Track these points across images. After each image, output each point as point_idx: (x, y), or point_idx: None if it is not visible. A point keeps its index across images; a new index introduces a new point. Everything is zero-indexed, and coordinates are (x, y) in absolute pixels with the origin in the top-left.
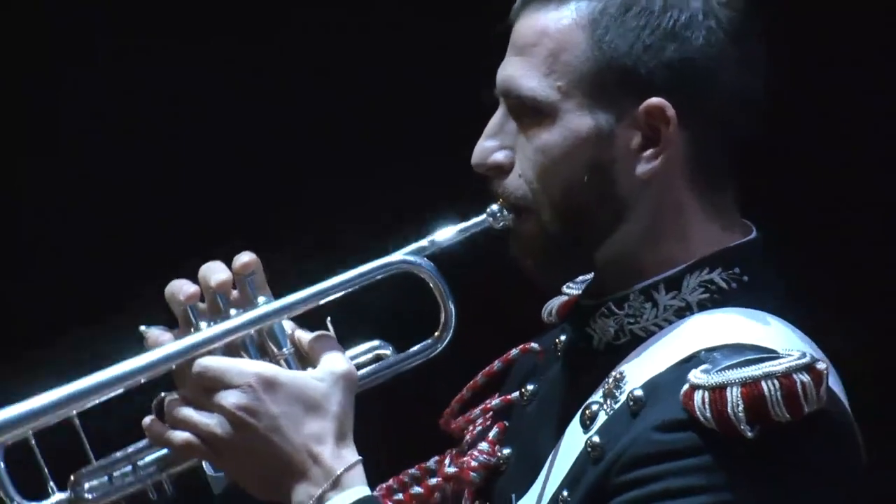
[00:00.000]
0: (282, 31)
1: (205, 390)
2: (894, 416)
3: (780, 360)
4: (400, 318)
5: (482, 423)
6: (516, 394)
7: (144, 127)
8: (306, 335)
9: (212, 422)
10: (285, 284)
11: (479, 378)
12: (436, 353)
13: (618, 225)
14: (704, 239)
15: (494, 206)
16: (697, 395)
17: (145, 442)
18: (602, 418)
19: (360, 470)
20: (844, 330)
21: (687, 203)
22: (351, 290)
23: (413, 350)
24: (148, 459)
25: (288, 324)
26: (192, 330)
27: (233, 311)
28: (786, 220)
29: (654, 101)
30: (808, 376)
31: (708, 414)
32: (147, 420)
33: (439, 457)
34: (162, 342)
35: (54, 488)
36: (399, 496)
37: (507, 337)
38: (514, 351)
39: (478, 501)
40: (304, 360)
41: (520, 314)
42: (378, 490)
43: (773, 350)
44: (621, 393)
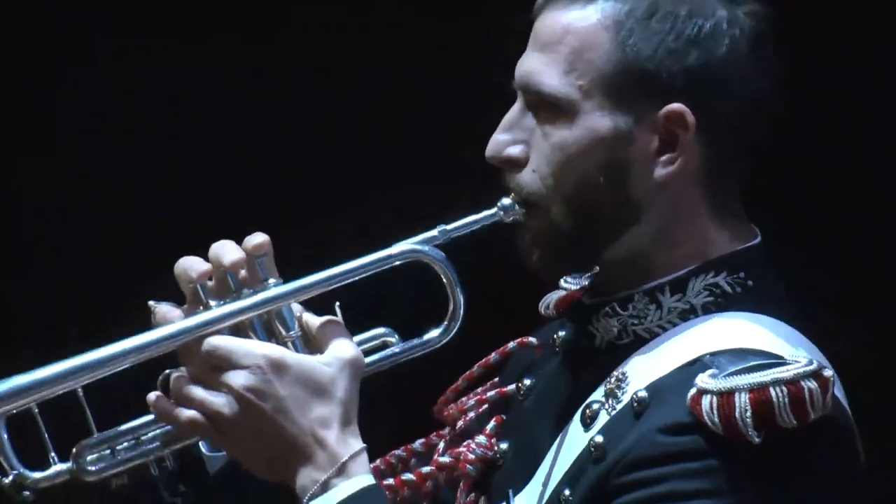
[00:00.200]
0: (282, 31)
1: (213, 369)
2: (894, 416)
3: (788, 367)
4: (406, 306)
5: (475, 412)
6: (512, 387)
7: (144, 127)
8: (315, 319)
9: (219, 401)
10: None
11: (475, 369)
12: (443, 342)
13: (629, 226)
14: (713, 243)
15: (506, 200)
16: (705, 399)
17: (149, 417)
18: (604, 418)
19: (364, 458)
20: (844, 330)
21: (698, 207)
22: (360, 277)
23: (420, 339)
24: (151, 434)
25: (296, 307)
26: (200, 308)
27: (245, 290)
28: (786, 220)
29: (674, 106)
30: (815, 383)
31: (716, 419)
32: (152, 396)
33: (424, 439)
34: (171, 319)
35: (56, 459)
36: (390, 481)
37: (509, 329)
38: (512, 344)
39: (474, 494)
40: (311, 343)
41: (523, 306)
42: None
43: (778, 355)
44: (624, 393)
